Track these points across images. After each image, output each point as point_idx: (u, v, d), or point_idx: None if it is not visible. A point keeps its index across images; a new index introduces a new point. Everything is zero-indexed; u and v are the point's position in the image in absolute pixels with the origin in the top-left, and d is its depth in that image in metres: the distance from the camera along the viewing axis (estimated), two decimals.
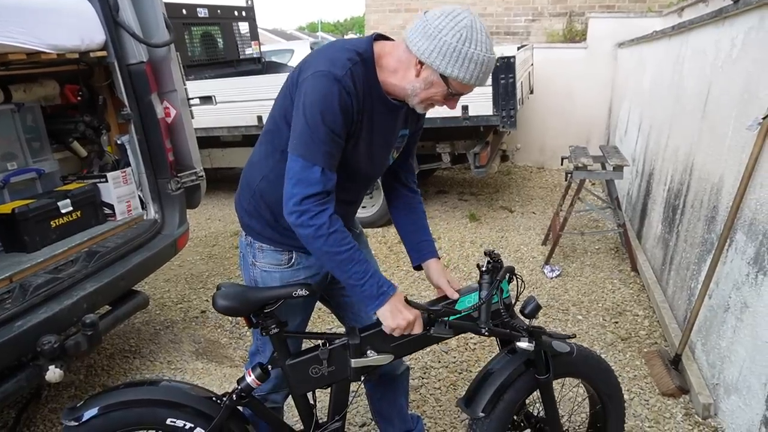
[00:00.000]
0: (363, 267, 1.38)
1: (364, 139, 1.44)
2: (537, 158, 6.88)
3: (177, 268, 4.25)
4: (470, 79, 1.32)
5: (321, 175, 1.32)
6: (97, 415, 1.47)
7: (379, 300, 1.40)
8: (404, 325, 1.40)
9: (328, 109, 1.30)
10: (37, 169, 2.74)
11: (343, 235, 1.36)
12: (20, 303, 2.07)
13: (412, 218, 1.74)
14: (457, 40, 1.27)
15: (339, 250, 1.35)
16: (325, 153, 1.32)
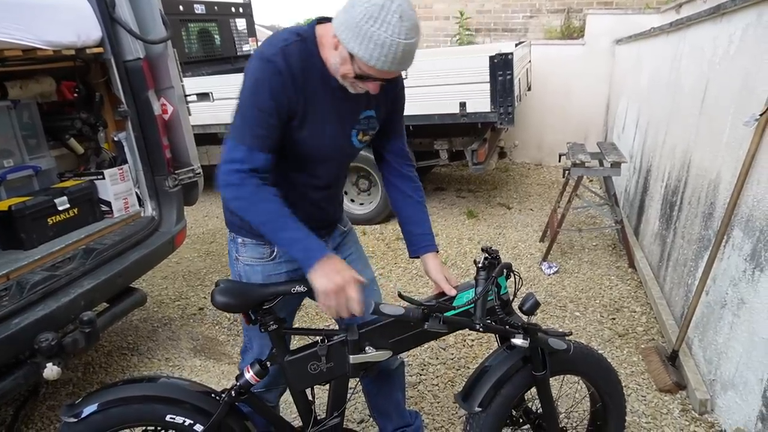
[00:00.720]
0: (291, 234, 1.39)
1: (313, 120, 1.43)
2: (535, 155, 6.88)
3: (174, 266, 4.25)
4: (371, 60, 1.26)
5: (245, 155, 1.36)
6: (97, 412, 1.47)
7: (308, 264, 1.37)
8: (333, 287, 1.35)
9: (258, 90, 1.34)
10: (33, 167, 2.73)
11: (269, 205, 1.38)
12: (17, 300, 2.07)
13: (408, 208, 1.71)
14: (362, 16, 1.23)
15: (263, 220, 1.39)
16: (255, 133, 1.36)
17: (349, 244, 1.80)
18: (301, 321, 3.28)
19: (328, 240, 1.72)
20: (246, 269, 1.63)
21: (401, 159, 1.71)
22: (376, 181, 4.81)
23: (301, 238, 1.39)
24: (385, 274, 3.87)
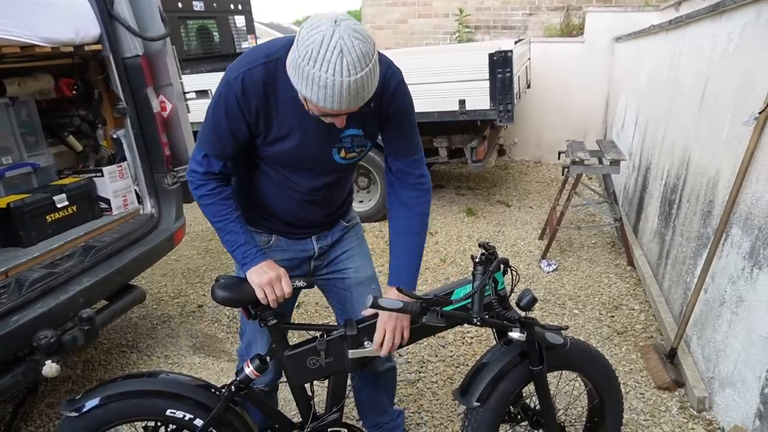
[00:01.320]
0: (233, 237, 1.50)
1: (279, 138, 1.43)
2: (534, 153, 6.89)
3: (174, 263, 4.25)
4: (319, 101, 1.20)
5: (203, 159, 1.46)
6: (98, 406, 1.48)
7: (244, 267, 1.50)
8: (266, 280, 1.46)
9: (216, 109, 1.39)
10: (32, 164, 2.73)
11: (219, 207, 1.49)
12: (16, 298, 2.07)
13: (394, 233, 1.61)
14: (303, 56, 1.16)
15: (213, 219, 1.51)
16: (211, 142, 1.44)
17: (349, 240, 1.79)
18: (300, 317, 3.28)
19: (327, 235, 1.73)
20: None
21: (401, 181, 1.59)
22: (376, 179, 4.81)
23: (241, 243, 1.50)
24: (384, 271, 3.86)
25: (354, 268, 1.78)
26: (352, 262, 1.78)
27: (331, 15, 1.17)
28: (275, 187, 1.57)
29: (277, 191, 1.57)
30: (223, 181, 1.51)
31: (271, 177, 1.55)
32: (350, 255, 1.78)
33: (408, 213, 1.59)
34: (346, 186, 1.73)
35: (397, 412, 2.04)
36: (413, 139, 1.57)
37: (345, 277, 1.77)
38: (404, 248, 1.59)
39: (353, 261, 1.78)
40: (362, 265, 1.80)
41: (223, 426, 1.57)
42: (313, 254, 1.72)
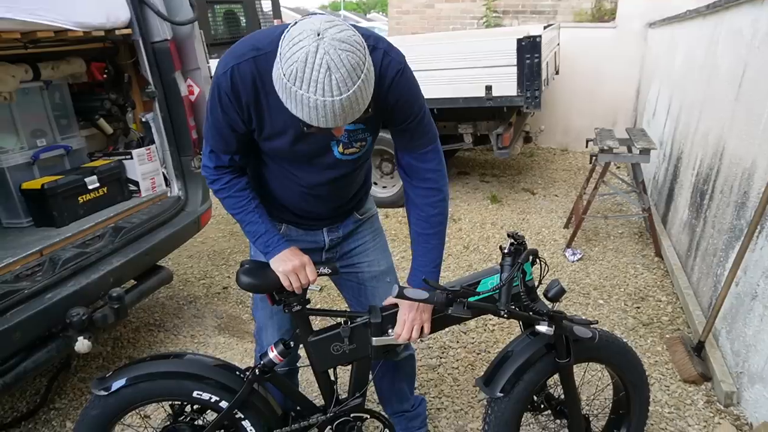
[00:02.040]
0: (254, 228, 1.50)
1: (273, 132, 1.37)
2: (561, 140, 6.77)
3: (200, 245, 4.32)
4: (311, 121, 1.13)
5: (210, 154, 1.45)
6: (126, 386, 1.52)
7: (267, 256, 1.50)
8: (290, 268, 1.45)
9: (213, 105, 1.36)
10: (65, 146, 2.79)
11: (236, 199, 1.49)
12: (50, 276, 2.13)
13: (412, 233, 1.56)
14: (288, 76, 1.08)
15: (232, 212, 1.51)
16: (214, 137, 1.42)
17: (363, 233, 1.75)
18: (323, 302, 3.32)
19: (339, 227, 1.68)
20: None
21: (410, 177, 1.50)
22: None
23: (262, 233, 1.50)
24: (407, 257, 3.87)
25: (368, 263, 1.75)
26: (365, 257, 1.75)
27: (312, 25, 1.07)
28: (280, 181, 1.54)
29: (282, 185, 1.54)
30: (237, 172, 1.49)
31: (274, 170, 1.51)
32: (364, 249, 1.75)
33: (419, 214, 1.51)
34: (356, 180, 1.62)
35: (419, 400, 2.05)
36: (422, 130, 1.44)
37: (359, 271, 1.75)
38: (421, 249, 1.53)
39: (367, 255, 1.75)
40: (376, 259, 1.77)
41: (248, 408, 1.60)
42: (323, 246, 1.69)
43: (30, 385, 2.63)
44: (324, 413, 1.66)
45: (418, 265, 1.53)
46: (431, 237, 1.52)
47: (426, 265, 1.52)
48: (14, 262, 2.17)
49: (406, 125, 1.41)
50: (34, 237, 2.41)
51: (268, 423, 1.62)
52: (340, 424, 1.67)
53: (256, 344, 1.85)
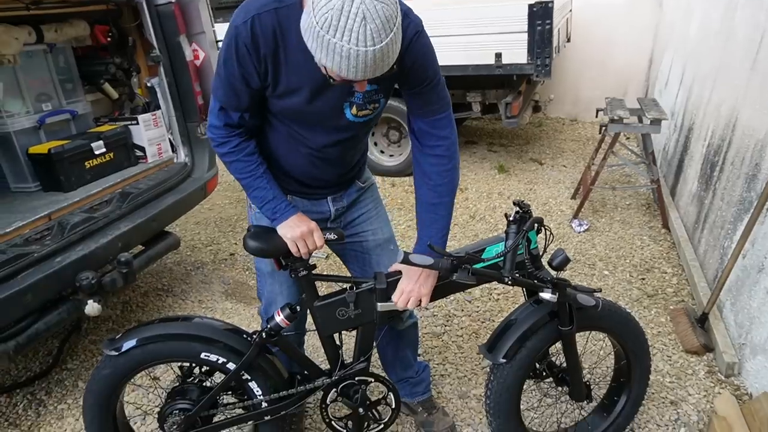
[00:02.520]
0: (262, 193, 1.49)
1: (287, 89, 1.35)
2: (570, 110, 6.67)
3: (206, 212, 4.34)
4: (341, 71, 1.12)
5: (219, 111, 1.41)
6: (136, 347, 1.55)
7: (275, 222, 1.50)
8: (298, 234, 1.47)
9: (227, 57, 1.32)
10: (70, 111, 2.78)
11: (245, 164, 1.47)
12: (59, 240, 2.15)
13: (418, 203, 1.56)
14: (321, 24, 1.06)
15: (239, 177, 1.49)
16: (226, 93, 1.38)
17: (365, 201, 1.76)
18: (329, 269, 3.34)
19: (343, 196, 1.69)
20: (258, 216, 1.64)
21: (422, 144, 1.50)
22: (407, 133, 4.75)
23: (270, 199, 1.49)
24: (413, 226, 3.88)
25: (372, 231, 1.76)
26: (369, 225, 1.76)
27: None
28: (286, 143, 1.51)
29: (289, 147, 1.52)
30: (246, 135, 1.46)
31: (281, 132, 1.49)
32: (367, 217, 1.76)
33: (428, 182, 1.51)
34: (360, 146, 1.64)
35: (422, 366, 2.08)
36: (436, 95, 1.44)
37: (363, 240, 1.76)
38: (428, 219, 1.53)
39: (371, 223, 1.76)
40: (380, 227, 1.78)
41: (255, 370, 1.63)
42: (329, 216, 1.69)
43: (42, 346, 2.69)
44: (329, 376, 1.68)
45: (425, 235, 1.53)
46: (438, 207, 1.52)
47: (432, 236, 1.52)
48: (23, 225, 2.19)
49: (421, 89, 1.41)
50: (42, 201, 2.43)
51: (274, 385, 1.66)
52: (345, 387, 1.70)
53: (262, 322, 1.87)
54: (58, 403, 2.33)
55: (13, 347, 1.91)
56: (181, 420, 1.63)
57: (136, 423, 2.15)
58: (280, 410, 1.68)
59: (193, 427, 1.66)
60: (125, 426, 1.79)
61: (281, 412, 1.68)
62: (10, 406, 2.32)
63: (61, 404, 2.32)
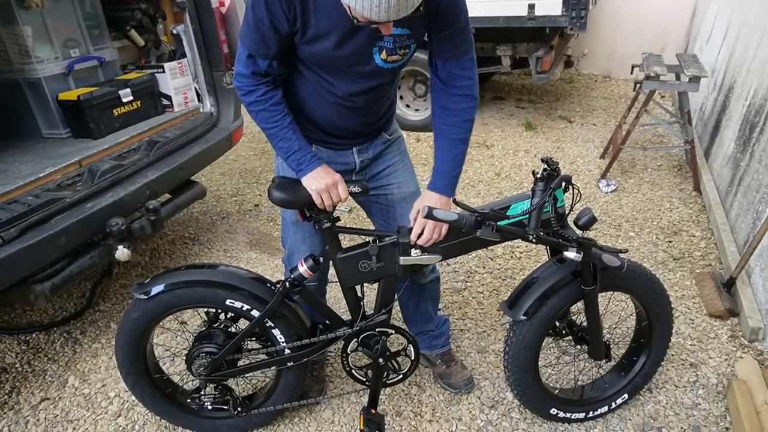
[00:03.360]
0: (287, 144, 1.49)
1: (316, 34, 1.34)
2: (604, 66, 6.43)
3: (231, 163, 4.37)
4: (363, 11, 1.13)
5: (247, 59, 1.40)
6: (164, 291, 1.60)
7: (299, 174, 1.51)
8: (323, 186, 1.48)
9: (255, 2, 1.31)
10: (98, 57, 2.78)
11: (271, 113, 1.46)
12: (89, 186, 2.20)
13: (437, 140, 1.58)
14: None
15: (265, 126, 1.49)
16: (254, 40, 1.37)
17: (392, 153, 1.75)
18: (352, 222, 3.36)
19: (368, 147, 1.68)
20: (284, 166, 1.64)
21: (447, 86, 1.52)
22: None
23: (296, 150, 1.49)
24: None
25: (397, 184, 1.75)
26: (395, 178, 1.75)
27: None
28: (314, 92, 1.51)
29: (316, 96, 1.51)
30: (273, 84, 1.46)
31: (309, 80, 1.48)
32: (393, 170, 1.75)
33: (452, 119, 1.53)
34: (388, 95, 1.63)
35: (442, 320, 2.11)
36: (463, 38, 1.45)
37: (388, 193, 1.75)
38: (448, 155, 1.56)
39: (396, 176, 1.75)
40: (405, 181, 1.77)
41: (278, 318, 1.67)
42: (354, 167, 1.69)
43: (76, 288, 2.80)
44: (350, 327, 1.72)
45: (444, 170, 1.56)
46: (460, 143, 1.56)
47: (452, 170, 1.56)
48: (56, 171, 2.23)
49: (450, 32, 1.42)
50: (72, 148, 2.47)
51: (297, 333, 1.70)
52: (366, 338, 1.74)
53: (285, 270, 1.90)
54: (92, 342, 2.44)
55: (49, 288, 1.99)
56: (208, 363, 1.69)
57: (165, 364, 2.25)
58: (302, 357, 1.73)
59: (218, 370, 1.73)
60: (155, 366, 1.87)
61: (303, 359, 1.74)
62: (49, 343, 2.44)
63: (95, 343, 2.43)
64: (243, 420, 1.87)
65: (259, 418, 1.88)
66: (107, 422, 2.02)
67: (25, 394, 2.16)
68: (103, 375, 2.25)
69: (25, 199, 2.01)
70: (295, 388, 1.83)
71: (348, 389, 2.10)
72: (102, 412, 2.07)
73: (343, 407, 2.04)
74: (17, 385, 2.21)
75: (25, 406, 2.10)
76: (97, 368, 2.29)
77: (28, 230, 1.92)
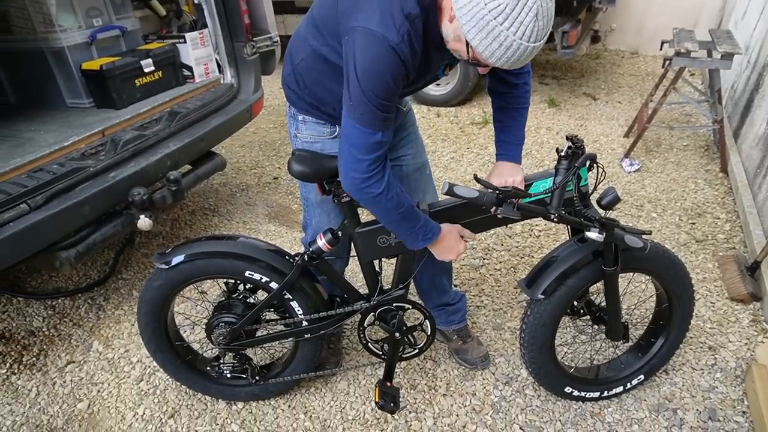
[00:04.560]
0: (413, 222, 1.44)
1: (418, 78, 1.38)
2: (632, 42, 6.24)
3: (251, 135, 4.38)
4: (491, 58, 1.12)
5: (381, 137, 1.28)
6: (184, 261, 1.62)
7: (424, 244, 1.50)
8: (454, 257, 1.56)
9: (382, 82, 1.21)
10: (120, 27, 2.78)
11: (398, 198, 1.36)
12: (112, 156, 2.22)
13: (498, 112, 1.62)
14: (492, 11, 1.05)
15: (394, 212, 1.39)
16: (384, 119, 1.27)
17: (407, 125, 1.76)
18: None
19: None
20: (305, 146, 1.62)
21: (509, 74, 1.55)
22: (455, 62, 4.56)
23: (422, 224, 1.46)
24: (456, 158, 3.82)
25: (411, 154, 1.75)
26: (410, 148, 1.75)
27: None
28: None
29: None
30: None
31: None
32: (408, 141, 1.75)
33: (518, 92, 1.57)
34: None
35: (459, 295, 2.11)
36: None
37: (403, 164, 1.75)
38: (517, 124, 1.60)
39: (411, 147, 1.75)
40: (419, 151, 1.78)
41: (296, 290, 1.69)
42: None
43: (99, 256, 2.86)
44: (367, 301, 1.73)
45: (517, 139, 1.61)
46: (525, 111, 1.61)
47: (522, 138, 1.61)
48: (79, 140, 2.26)
49: None
50: (95, 118, 2.49)
51: (314, 305, 1.72)
52: (383, 312, 1.75)
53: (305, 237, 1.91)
54: (115, 309, 2.50)
55: (74, 255, 2.04)
56: (227, 332, 1.72)
57: (186, 332, 2.30)
58: (319, 329, 1.75)
59: (237, 340, 1.76)
60: (176, 334, 1.91)
61: (320, 332, 1.76)
62: (74, 309, 2.51)
63: (118, 310, 2.49)
64: (260, 389, 1.91)
65: (276, 387, 1.92)
66: (130, 386, 2.08)
67: (52, 357, 2.23)
68: (126, 341, 2.31)
69: (51, 167, 2.05)
70: (312, 360, 1.86)
71: (364, 362, 2.13)
72: (125, 376, 2.13)
73: (359, 379, 2.07)
74: (44, 348, 2.28)
75: (52, 368, 2.18)
76: (120, 334, 2.35)
77: (53, 198, 1.96)
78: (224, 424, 1.91)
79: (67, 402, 2.04)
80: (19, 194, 1.86)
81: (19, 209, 1.85)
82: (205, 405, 1.98)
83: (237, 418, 1.93)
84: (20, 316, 2.46)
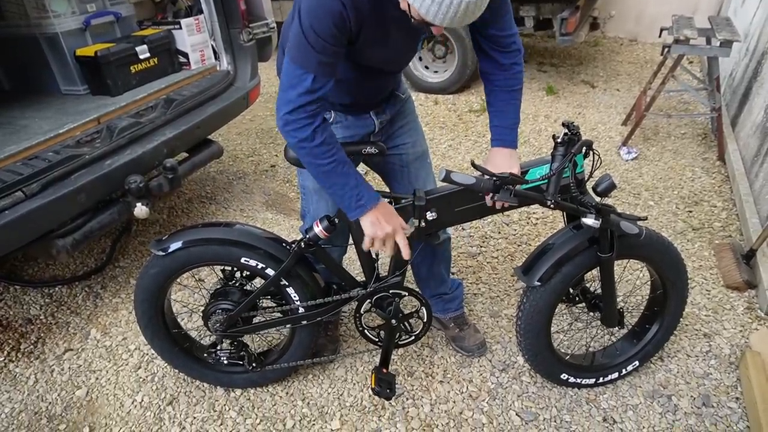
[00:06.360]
0: (344, 179, 1.37)
1: (376, 42, 1.34)
2: (631, 29, 6.21)
3: (248, 123, 4.36)
4: (427, 14, 1.11)
5: (312, 83, 1.26)
6: (181, 248, 1.62)
7: (357, 211, 1.42)
8: (381, 235, 1.43)
9: (321, 22, 1.21)
10: (115, 12, 2.75)
11: (327, 147, 1.33)
12: (108, 143, 2.21)
13: (491, 96, 1.59)
14: None
15: (320, 162, 1.34)
16: (320, 62, 1.25)
17: (406, 113, 1.75)
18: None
19: (386, 108, 1.67)
20: None
21: (496, 46, 1.51)
22: (453, 48, 4.54)
23: (354, 185, 1.39)
24: (454, 145, 3.81)
25: (411, 143, 1.75)
26: (409, 137, 1.75)
27: None
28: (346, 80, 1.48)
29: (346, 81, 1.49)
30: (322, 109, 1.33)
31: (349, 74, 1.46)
32: (408, 129, 1.75)
33: (508, 73, 1.53)
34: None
35: (456, 283, 2.11)
36: (506, 3, 1.45)
37: (402, 152, 1.75)
38: (510, 108, 1.56)
39: (410, 135, 1.75)
40: (418, 140, 1.78)
41: (293, 277, 1.69)
42: (373, 129, 1.67)
43: (96, 244, 2.86)
44: (364, 288, 1.74)
45: (511, 123, 1.57)
46: (518, 92, 1.57)
47: (516, 122, 1.57)
48: (75, 128, 2.25)
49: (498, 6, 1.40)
50: (91, 105, 2.47)
51: (311, 292, 1.73)
52: (379, 299, 1.75)
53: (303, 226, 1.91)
54: (112, 297, 2.50)
55: (71, 243, 2.03)
56: (223, 319, 1.73)
57: (183, 319, 2.30)
58: (316, 316, 1.76)
59: (234, 327, 1.77)
60: (173, 321, 1.92)
61: (317, 318, 1.76)
62: (71, 297, 2.51)
63: (116, 298, 2.49)
64: (258, 375, 1.92)
65: (273, 374, 1.94)
66: (128, 373, 2.09)
67: (50, 345, 2.24)
68: (124, 328, 2.31)
69: (46, 155, 2.04)
70: (309, 346, 1.87)
71: (361, 349, 2.14)
72: (123, 363, 2.14)
73: (356, 366, 2.08)
74: (42, 336, 2.29)
75: (50, 356, 2.18)
76: (117, 322, 2.35)
77: (49, 186, 1.95)
78: (222, 411, 1.92)
79: (65, 389, 2.04)
80: (14, 182, 1.86)
81: (15, 197, 1.84)
82: (204, 392, 1.99)
83: (235, 405, 1.94)
84: (17, 304, 2.46)
